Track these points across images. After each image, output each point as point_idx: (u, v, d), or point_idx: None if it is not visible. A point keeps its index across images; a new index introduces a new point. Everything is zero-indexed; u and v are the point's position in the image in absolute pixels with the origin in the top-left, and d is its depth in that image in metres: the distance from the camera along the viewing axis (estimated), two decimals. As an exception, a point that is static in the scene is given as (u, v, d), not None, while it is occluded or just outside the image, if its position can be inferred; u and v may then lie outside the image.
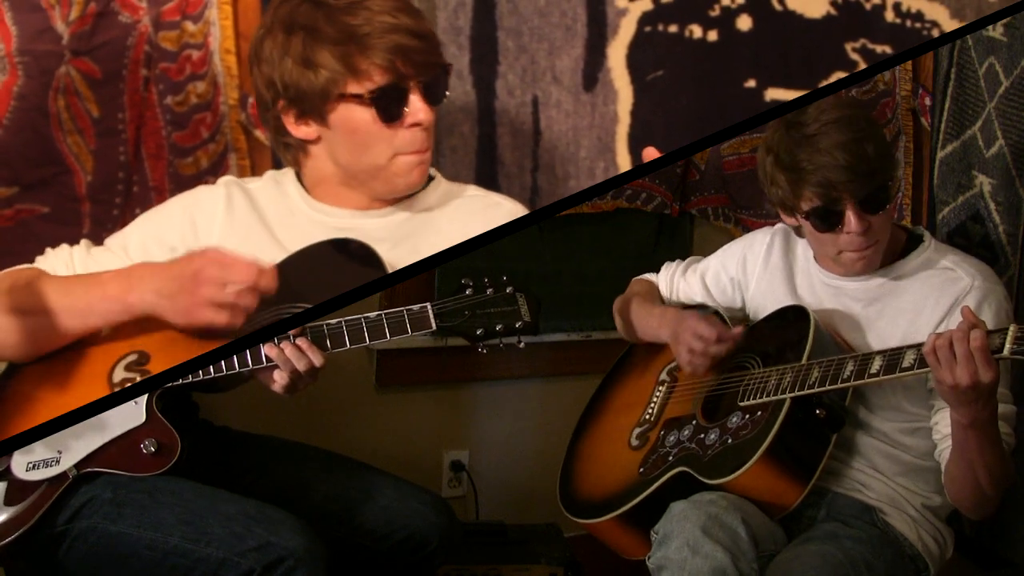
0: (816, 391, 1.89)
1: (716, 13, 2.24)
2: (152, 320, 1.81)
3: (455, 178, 2.02)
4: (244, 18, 2.18)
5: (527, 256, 2.66)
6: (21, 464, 1.88)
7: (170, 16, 2.14)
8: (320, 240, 1.89)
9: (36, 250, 1.95)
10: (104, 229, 2.06)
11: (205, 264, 1.75)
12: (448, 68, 1.88)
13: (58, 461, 1.88)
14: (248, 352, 1.83)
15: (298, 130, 1.88)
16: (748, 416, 1.94)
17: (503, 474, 2.79)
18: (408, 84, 1.82)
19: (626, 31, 2.24)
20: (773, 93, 2.27)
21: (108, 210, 2.15)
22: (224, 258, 1.76)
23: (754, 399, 1.96)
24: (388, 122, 1.83)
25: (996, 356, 1.69)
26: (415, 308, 1.88)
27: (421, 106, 1.83)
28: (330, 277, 1.84)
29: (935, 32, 2.26)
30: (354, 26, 1.80)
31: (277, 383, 1.84)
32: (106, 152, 2.13)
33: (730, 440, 1.94)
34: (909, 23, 2.26)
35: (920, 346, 1.77)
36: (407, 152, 1.85)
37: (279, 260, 1.87)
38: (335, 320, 1.86)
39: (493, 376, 2.76)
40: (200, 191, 2.00)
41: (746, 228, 2.71)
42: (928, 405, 1.96)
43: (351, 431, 2.60)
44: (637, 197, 2.71)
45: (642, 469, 2.05)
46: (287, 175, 1.98)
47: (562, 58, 2.24)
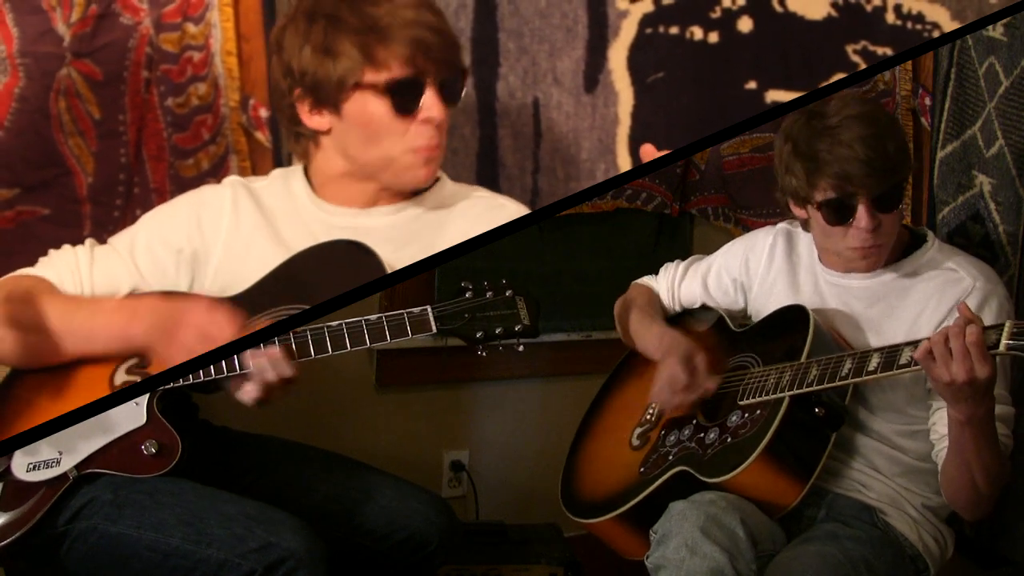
0: (815, 389, 1.89)
1: (717, 15, 2.24)
2: None
3: (456, 180, 2.02)
4: (245, 20, 2.18)
5: (527, 256, 2.66)
6: (21, 465, 1.88)
7: (171, 18, 2.14)
8: (321, 241, 1.89)
9: (37, 251, 1.94)
10: (105, 231, 2.06)
11: (192, 311, 1.78)
12: (465, 71, 1.88)
13: (58, 462, 1.88)
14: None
15: (311, 120, 1.88)
16: (747, 415, 1.95)
17: (503, 474, 2.79)
18: (425, 79, 1.82)
19: (627, 33, 2.24)
20: (774, 95, 2.27)
21: (109, 212, 2.15)
22: (209, 315, 1.78)
23: (753, 398, 1.96)
24: (401, 114, 1.83)
25: (992, 352, 1.69)
26: (415, 311, 1.88)
27: (435, 103, 1.83)
28: (330, 279, 1.84)
29: (936, 34, 2.27)
30: (376, 16, 1.81)
31: (247, 393, 1.83)
32: (107, 154, 2.13)
33: (729, 439, 1.94)
34: (910, 25, 2.26)
35: (917, 343, 1.76)
36: (416, 148, 1.85)
37: (284, 259, 1.87)
38: (335, 322, 1.86)
39: (493, 376, 2.76)
40: (205, 191, 2.00)
41: (746, 228, 2.71)
42: (927, 406, 1.96)
43: (351, 431, 2.60)
44: (637, 197, 2.71)
45: (642, 469, 2.06)
46: (295, 173, 1.98)
47: (563, 60, 2.25)
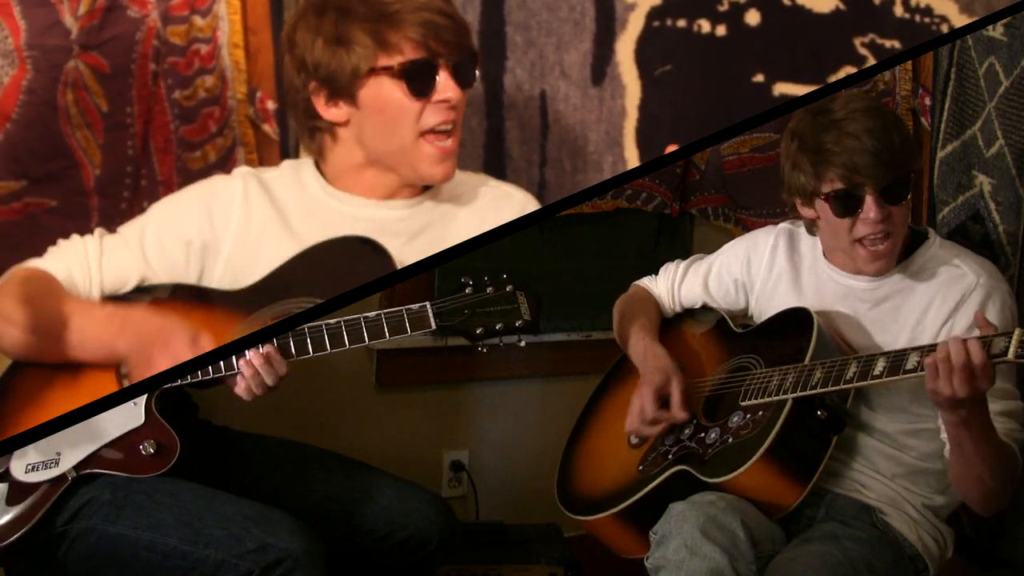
0: (818, 392, 1.89)
1: (724, 8, 2.23)
2: None
3: (463, 171, 2.02)
4: (252, 12, 2.18)
5: (527, 256, 2.66)
6: (20, 466, 1.88)
7: (178, 10, 2.14)
8: (334, 231, 1.89)
9: (44, 243, 1.94)
10: (112, 223, 2.05)
11: (171, 337, 1.79)
12: (477, 55, 1.88)
13: (57, 463, 1.88)
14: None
15: (328, 112, 1.87)
16: (749, 416, 1.94)
17: (503, 474, 2.79)
18: (438, 61, 1.82)
19: (634, 26, 2.24)
20: (781, 88, 2.26)
21: (116, 204, 2.15)
22: (184, 349, 1.78)
23: (755, 399, 1.96)
24: (417, 96, 1.82)
25: (1001, 360, 1.69)
26: (414, 307, 1.88)
27: (450, 84, 1.82)
28: (341, 275, 1.84)
29: (944, 27, 2.26)
30: (385, 4, 1.81)
31: (240, 388, 1.86)
32: (114, 146, 2.13)
33: (731, 439, 1.94)
34: (918, 18, 2.25)
35: (924, 349, 1.77)
36: (433, 130, 1.84)
37: (295, 251, 1.87)
38: (334, 320, 1.86)
39: (493, 376, 2.76)
40: (216, 181, 1.99)
41: (746, 228, 2.71)
42: (932, 406, 1.95)
43: (351, 431, 2.60)
44: (637, 197, 2.71)
45: (641, 467, 2.05)
46: (306, 165, 1.97)
47: (570, 52, 2.24)
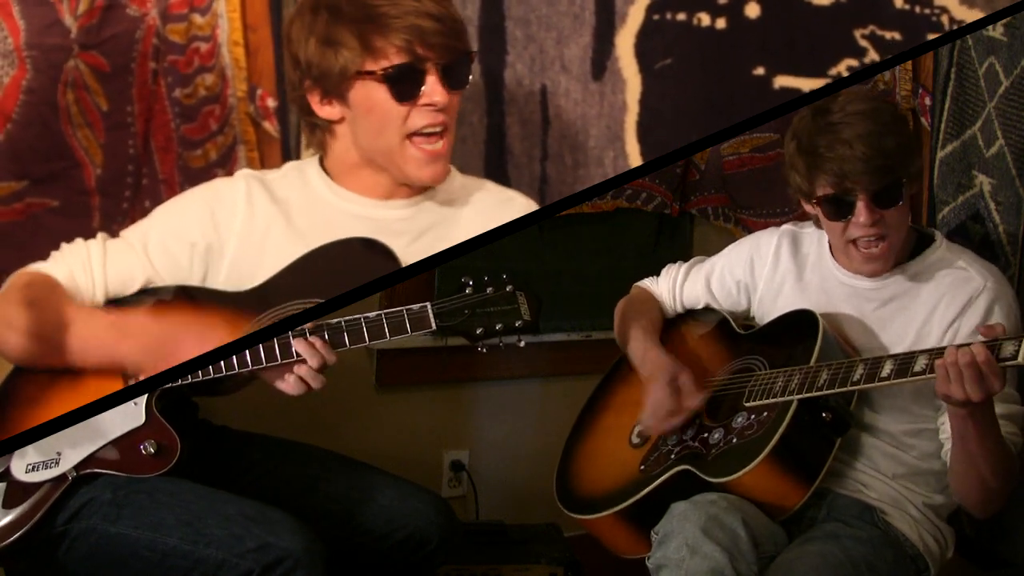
0: (824, 393, 1.88)
1: (724, 1, 2.23)
2: None
3: (464, 169, 2.02)
4: (252, 10, 2.18)
5: (527, 256, 2.66)
6: (21, 466, 1.88)
7: (178, 9, 2.14)
8: (338, 229, 1.90)
9: (46, 243, 1.94)
10: (114, 222, 2.06)
11: (178, 347, 1.79)
12: (471, 55, 1.88)
13: (58, 462, 1.88)
14: (261, 349, 1.84)
15: (323, 110, 1.88)
16: (754, 416, 1.94)
17: (503, 474, 2.79)
18: (425, 65, 1.82)
19: (634, 19, 2.23)
20: (782, 80, 2.25)
21: (118, 203, 2.15)
22: (199, 345, 1.78)
23: (760, 400, 1.96)
24: (401, 100, 1.83)
25: (1010, 364, 1.69)
26: (415, 308, 1.88)
27: (437, 88, 1.82)
28: (346, 276, 1.84)
29: (944, 19, 2.25)
30: (374, 6, 1.81)
31: (290, 383, 1.85)
32: (115, 145, 2.13)
33: (735, 440, 1.94)
34: (918, 9, 2.24)
35: (932, 351, 1.77)
36: (419, 132, 1.85)
37: (300, 251, 1.88)
38: (335, 320, 1.86)
39: (493, 376, 2.76)
40: (218, 184, 1.99)
41: (746, 228, 2.71)
42: (933, 406, 1.96)
43: (351, 431, 2.60)
44: (637, 197, 2.71)
45: (643, 466, 2.05)
46: (311, 164, 1.97)
47: (570, 47, 2.24)
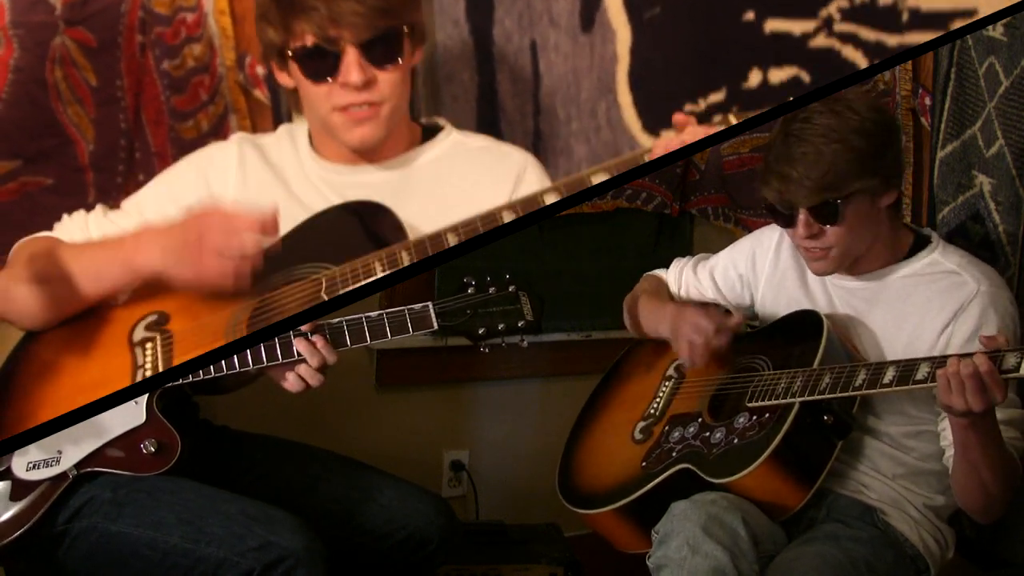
0: (826, 397, 1.89)
1: (713, -53, 2.23)
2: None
3: (457, 126, 2.03)
4: (236, -22, 2.19)
5: (527, 256, 2.66)
6: (21, 464, 1.88)
7: (162, -20, 2.14)
8: (326, 195, 1.92)
9: (43, 222, 1.95)
10: (109, 197, 2.06)
11: (207, 217, 1.77)
12: (399, 30, 1.88)
13: (58, 461, 1.88)
14: (263, 348, 1.83)
15: (281, 77, 1.94)
16: (755, 417, 1.94)
17: (503, 474, 2.79)
18: (340, 46, 1.84)
19: (622, -31, 2.23)
20: (773, 24, 2.23)
21: (112, 178, 2.15)
22: (226, 210, 1.78)
23: (762, 401, 1.96)
24: (315, 80, 1.87)
25: (1011, 375, 1.68)
26: (416, 307, 1.88)
27: (353, 68, 1.84)
28: (351, 239, 1.85)
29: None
30: None
31: (290, 381, 1.85)
32: (106, 120, 2.13)
33: (736, 440, 1.94)
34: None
35: (934, 359, 1.77)
36: (342, 108, 1.88)
37: (296, 213, 1.89)
38: (336, 319, 1.86)
39: (493, 376, 2.76)
40: (212, 149, 2.02)
41: (746, 228, 2.71)
42: (932, 409, 1.96)
43: (351, 431, 2.59)
44: (637, 197, 2.71)
45: (644, 463, 2.05)
46: (300, 129, 2.00)
47: (558, 0, 2.23)
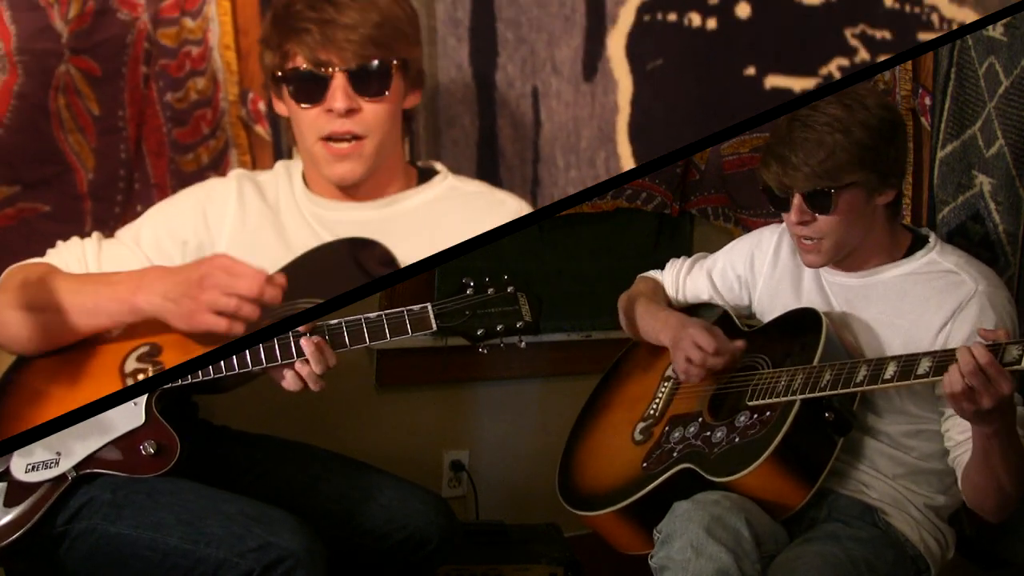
0: (827, 394, 1.89)
1: (715, 1, 2.23)
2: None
3: (457, 171, 2.03)
4: (242, 13, 2.18)
5: (527, 256, 2.66)
6: (20, 466, 1.87)
7: (169, 12, 2.14)
8: (317, 232, 1.92)
9: (39, 249, 1.95)
10: (106, 226, 2.06)
11: (212, 270, 1.77)
12: (389, 63, 1.88)
13: (57, 462, 1.88)
14: (262, 348, 1.84)
15: (278, 106, 1.94)
16: (756, 416, 1.94)
17: (503, 474, 2.79)
18: (329, 71, 1.84)
19: (625, 20, 2.23)
20: (773, 80, 2.26)
21: (110, 208, 2.15)
22: (232, 266, 1.78)
23: (763, 399, 1.96)
24: (300, 102, 1.87)
25: (1014, 368, 1.68)
26: (415, 308, 1.88)
27: (338, 94, 1.85)
28: (341, 275, 1.85)
29: (934, 17, 2.25)
30: (296, 13, 1.85)
31: (289, 380, 1.84)
32: (107, 150, 2.14)
33: (737, 439, 1.94)
34: (908, 7, 2.25)
35: (935, 354, 1.77)
36: (325, 137, 1.88)
37: (291, 249, 1.89)
38: (335, 320, 1.85)
39: (493, 376, 2.76)
40: (212, 184, 2.01)
41: (746, 228, 2.71)
42: (933, 408, 1.96)
43: (351, 431, 2.59)
44: (637, 197, 2.71)
45: (645, 464, 2.05)
46: (296, 165, 2.00)
47: (561, 48, 2.24)
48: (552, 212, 2.55)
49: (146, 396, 1.88)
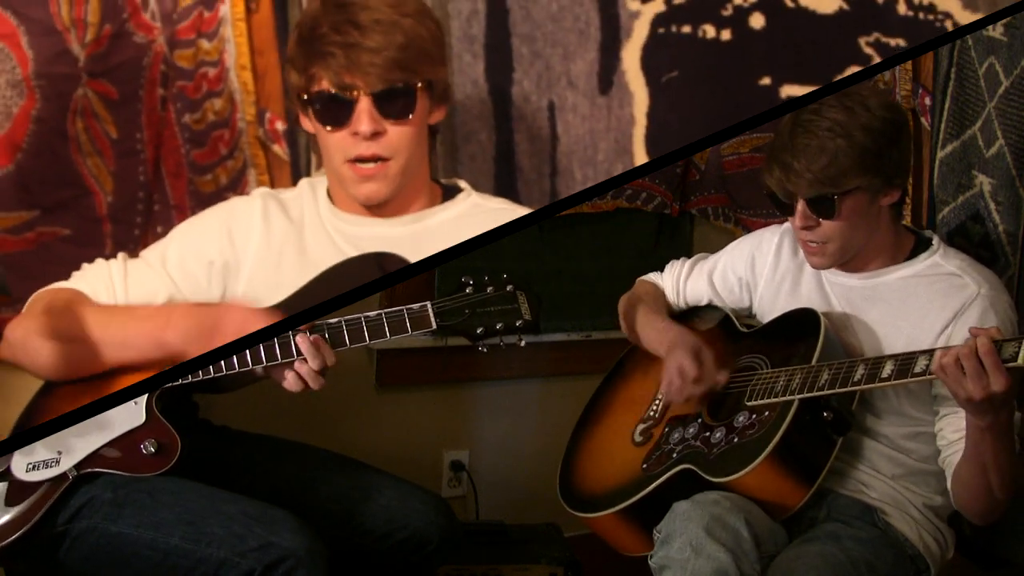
0: (825, 393, 1.89)
1: (728, 12, 2.24)
2: None
3: (475, 185, 2.05)
4: (258, 34, 2.20)
5: (527, 256, 2.66)
6: (21, 465, 1.87)
7: (185, 35, 2.15)
8: (340, 248, 1.94)
9: (59, 272, 1.97)
10: (126, 249, 2.08)
11: (227, 314, 1.81)
12: (413, 87, 1.89)
13: (58, 462, 1.88)
14: (263, 348, 1.84)
15: (304, 122, 1.95)
16: (755, 416, 1.94)
17: (503, 474, 2.79)
18: (354, 94, 1.86)
19: (639, 33, 2.25)
20: (788, 90, 2.27)
21: (129, 230, 2.17)
22: (244, 312, 1.81)
23: (761, 399, 1.96)
24: (326, 125, 1.89)
25: (1010, 365, 1.68)
26: (415, 307, 1.88)
27: (363, 117, 1.86)
28: (368, 289, 1.88)
29: (948, 24, 2.26)
30: (321, 36, 1.86)
31: (289, 380, 1.85)
32: (126, 172, 2.15)
33: (736, 439, 1.94)
34: (922, 15, 2.26)
35: (933, 352, 1.77)
36: (352, 159, 1.90)
37: (315, 266, 1.91)
38: (335, 319, 1.86)
39: (493, 376, 2.76)
40: (236, 202, 2.03)
41: (746, 228, 2.71)
42: (932, 410, 1.96)
43: (351, 431, 2.59)
44: (637, 197, 2.71)
45: (645, 465, 2.05)
46: (321, 182, 2.03)
47: (577, 62, 2.25)
48: (552, 212, 2.55)
49: (146, 395, 1.88)
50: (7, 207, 2.07)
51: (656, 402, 2.17)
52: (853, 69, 2.26)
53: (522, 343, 1.93)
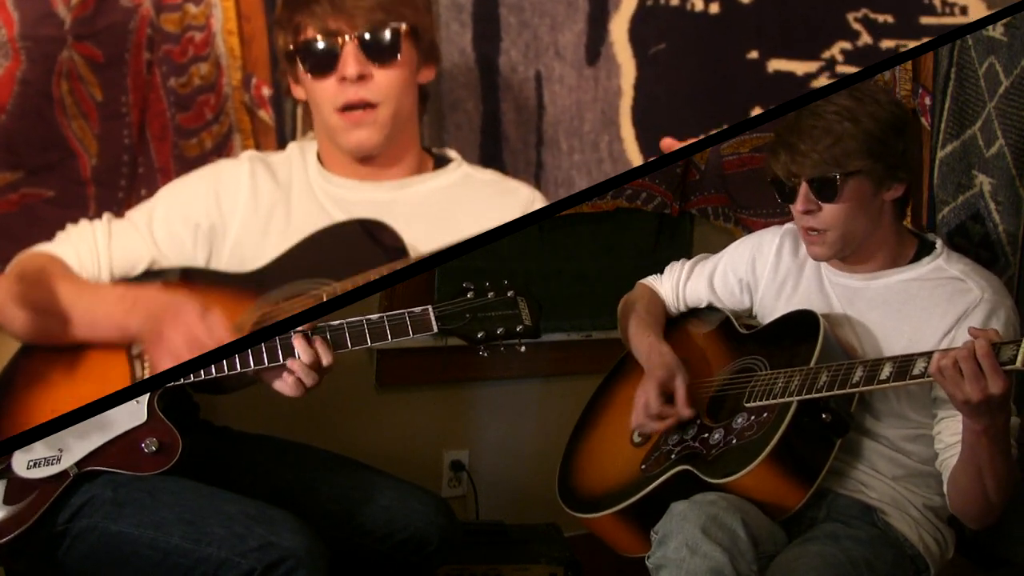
0: (824, 395, 1.89)
1: (717, -15, 2.24)
2: None
3: (460, 154, 2.05)
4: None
5: (527, 256, 2.66)
6: (22, 462, 1.88)
7: (171, -1, 2.15)
8: (328, 212, 1.94)
9: (42, 234, 1.96)
10: (110, 212, 2.07)
11: (174, 313, 1.81)
12: (398, 28, 1.91)
13: (59, 459, 1.88)
14: (259, 350, 1.84)
15: (295, 90, 1.98)
16: (754, 417, 1.94)
17: (503, 474, 2.79)
18: (339, 40, 1.88)
19: (628, 5, 2.24)
20: (775, 64, 2.26)
21: (113, 193, 2.16)
22: (191, 313, 1.80)
23: (760, 400, 1.96)
24: (314, 74, 1.91)
25: (1008, 368, 1.68)
26: (416, 310, 1.88)
27: (349, 60, 1.88)
28: (348, 256, 1.87)
29: (936, 1, 2.26)
30: None
31: (287, 383, 1.85)
32: (110, 135, 2.14)
33: (735, 440, 1.94)
34: (910, -9, 2.26)
35: (930, 354, 1.76)
36: (341, 107, 1.91)
37: (300, 230, 1.92)
38: (337, 322, 1.86)
39: (493, 376, 2.76)
40: (223, 165, 2.03)
41: (746, 228, 2.71)
42: (931, 413, 1.96)
43: (351, 431, 2.59)
44: (637, 197, 2.71)
45: (643, 466, 2.06)
46: (311, 147, 2.03)
47: (564, 33, 2.25)
48: (553, 212, 2.55)
49: (148, 395, 1.89)
50: (-9, 168, 2.08)
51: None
52: (841, 44, 2.26)
53: (522, 348, 1.93)
